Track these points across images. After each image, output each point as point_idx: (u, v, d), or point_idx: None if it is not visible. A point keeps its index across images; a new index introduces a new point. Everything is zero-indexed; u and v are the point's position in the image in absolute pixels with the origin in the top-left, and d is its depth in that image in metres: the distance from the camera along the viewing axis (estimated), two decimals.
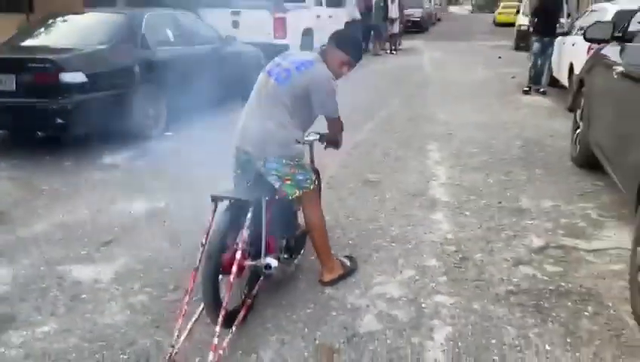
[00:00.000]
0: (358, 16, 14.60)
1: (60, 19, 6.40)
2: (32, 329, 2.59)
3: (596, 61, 4.79)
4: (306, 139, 2.90)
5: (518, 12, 20.42)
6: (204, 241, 2.44)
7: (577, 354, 2.42)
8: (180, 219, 3.86)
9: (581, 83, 5.26)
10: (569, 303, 2.82)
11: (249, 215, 2.45)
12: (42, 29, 6.25)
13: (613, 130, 3.79)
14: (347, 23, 13.81)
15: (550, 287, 2.97)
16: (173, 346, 2.28)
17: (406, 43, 18.43)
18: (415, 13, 25.20)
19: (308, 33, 10.68)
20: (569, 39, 8.20)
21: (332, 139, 3.06)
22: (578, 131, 5.13)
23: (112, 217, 3.91)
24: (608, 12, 6.93)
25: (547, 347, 2.47)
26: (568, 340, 2.52)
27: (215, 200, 2.48)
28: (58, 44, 5.70)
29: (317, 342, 2.50)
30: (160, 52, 6.24)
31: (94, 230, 3.70)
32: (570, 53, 7.91)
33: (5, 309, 2.76)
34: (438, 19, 36.57)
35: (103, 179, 4.74)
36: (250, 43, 8.43)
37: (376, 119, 7.18)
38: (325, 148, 3.17)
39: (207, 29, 7.48)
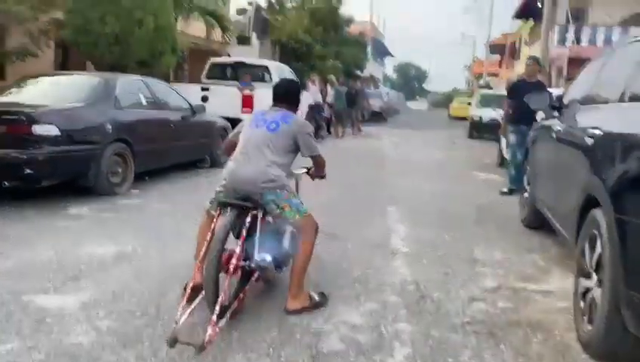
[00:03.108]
0: (320, 100, 15.34)
1: (37, 79, 6.62)
2: None
3: (538, 133, 5.27)
4: (295, 172, 3.35)
5: (470, 104, 21.82)
6: (208, 238, 2.86)
7: None
8: (147, 259, 3.94)
9: (526, 153, 5.74)
10: (520, 332, 3.00)
11: (248, 219, 2.91)
12: (19, 89, 6.44)
13: (553, 186, 4.15)
14: (310, 106, 14.49)
15: (503, 319, 3.16)
16: (176, 322, 2.59)
17: (366, 129, 19.27)
18: (375, 103, 26.64)
19: None
20: None
21: (320, 173, 3.58)
22: (525, 195, 5.53)
23: (79, 258, 3.93)
24: None
25: None
26: (520, 360, 2.68)
27: (220, 205, 2.99)
28: (35, 100, 5.82)
29: (282, 360, 2.58)
30: (131, 113, 6.48)
31: (60, 267, 3.71)
32: None
33: None
34: (397, 112, 38.48)
35: (69, 226, 4.77)
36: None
37: (339, 185, 7.44)
38: (313, 179, 3.62)
39: (178, 97, 7.81)
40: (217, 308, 2.65)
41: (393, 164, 10.28)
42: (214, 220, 3.03)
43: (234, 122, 9.24)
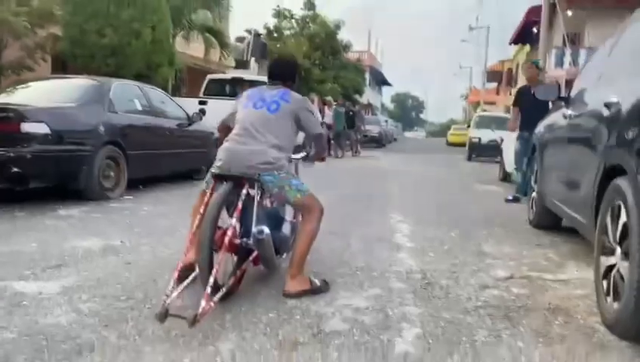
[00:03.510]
0: (319, 118, 15.27)
1: (30, 83, 6.48)
2: None
3: (544, 129, 5.10)
4: (293, 157, 3.16)
5: (469, 126, 21.73)
6: (201, 211, 2.68)
7: (551, 349, 2.34)
8: (136, 253, 3.71)
9: (532, 150, 5.56)
10: (539, 315, 2.76)
11: (244, 191, 2.72)
12: (12, 92, 6.27)
13: (565, 174, 3.95)
14: None
15: (518, 304, 2.92)
16: (167, 295, 2.39)
17: (365, 153, 19.16)
18: (373, 129, 26.61)
19: None
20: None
21: (320, 154, 3.38)
22: (533, 195, 5.32)
23: (63, 250, 3.69)
24: None
25: (520, 344, 2.38)
26: (540, 340, 2.44)
27: (215, 176, 2.82)
28: (27, 101, 5.62)
29: (280, 338, 2.34)
30: (126, 117, 6.30)
31: (42, 257, 3.48)
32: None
33: None
34: (395, 139, 38.51)
35: (57, 224, 4.54)
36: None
37: (339, 194, 7.24)
38: (313, 163, 3.41)
39: (174, 105, 7.65)
40: (211, 280, 2.43)
41: (394, 180, 10.07)
42: (208, 195, 2.82)
43: None
